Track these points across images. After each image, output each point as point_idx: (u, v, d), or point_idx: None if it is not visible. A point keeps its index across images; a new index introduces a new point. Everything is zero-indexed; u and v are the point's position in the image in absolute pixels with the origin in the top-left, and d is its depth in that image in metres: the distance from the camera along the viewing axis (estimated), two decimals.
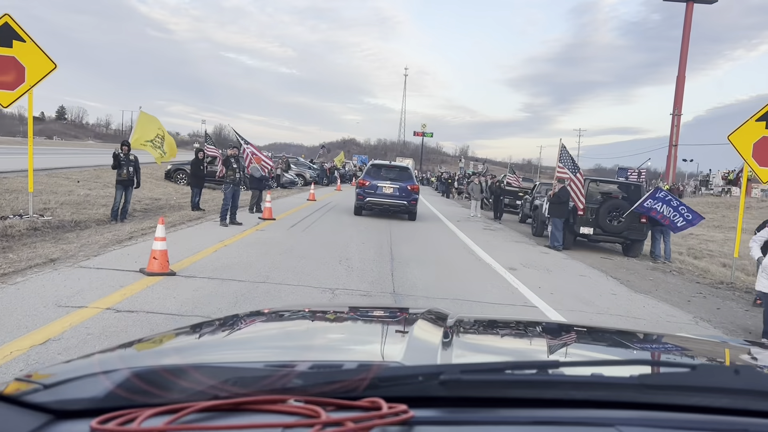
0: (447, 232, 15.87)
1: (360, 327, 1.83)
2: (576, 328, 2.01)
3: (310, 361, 1.12)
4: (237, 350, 1.39)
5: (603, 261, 13.15)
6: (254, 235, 11.75)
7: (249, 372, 1.02)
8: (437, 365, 1.09)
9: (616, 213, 13.88)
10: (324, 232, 13.12)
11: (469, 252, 12.08)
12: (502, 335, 1.76)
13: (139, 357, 1.35)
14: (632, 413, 0.95)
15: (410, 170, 19.06)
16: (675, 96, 62.35)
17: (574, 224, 14.14)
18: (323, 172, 37.45)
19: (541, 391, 0.97)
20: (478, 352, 1.52)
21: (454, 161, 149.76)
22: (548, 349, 1.65)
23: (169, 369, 1.03)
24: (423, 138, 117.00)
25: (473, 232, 16.41)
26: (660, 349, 1.68)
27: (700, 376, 1.04)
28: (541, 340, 1.80)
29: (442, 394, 0.94)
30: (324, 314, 1.99)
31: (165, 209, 15.76)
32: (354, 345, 1.56)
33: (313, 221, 15.03)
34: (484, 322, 1.97)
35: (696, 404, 0.98)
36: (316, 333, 1.65)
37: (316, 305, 4.50)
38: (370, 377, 0.95)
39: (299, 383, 0.96)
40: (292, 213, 16.70)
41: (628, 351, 1.65)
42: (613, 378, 1.06)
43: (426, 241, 13.17)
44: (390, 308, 3.16)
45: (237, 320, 1.72)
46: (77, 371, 1.04)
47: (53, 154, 36.72)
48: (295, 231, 12.79)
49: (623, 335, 1.91)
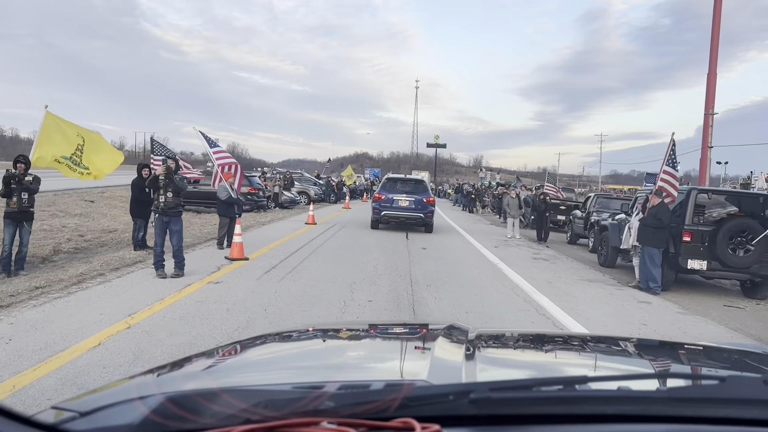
0: (487, 266, 11.44)
1: (382, 345, 1.80)
2: (599, 340, 1.98)
3: (338, 381, 1.11)
4: (265, 372, 1.39)
5: (736, 313, 8.64)
6: (201, 291, 7.45)
7: (279, 395, 1.03)
8: (466, 383, 1.09)
9: (743, 238, 9.38)
10: (315, 279, 8.78)
11: (530, 304, 7.66)
12: (524, 349, 1.73)
13: (173, 381, 1.31)
14: (661, 426, 0.93)
15: (425, 183, 18.51)
16: (707, 94, 57.60)
17: (677, 256, 9.65)
18: (330, 188, 33.19)
19: (570, 407, 0.95)
20: (501, 367, 1.48)
21: (468, 172, 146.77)
22: (573, 362, 1.60)
23: (201, 393, 1.03)
24: (436, 149, 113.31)
25: (522, 264, 11.97)
26: (687, 361, 1.63)
27: (729, 388, 1.03)
28: (564, 353, 1.73)
29: (472, 412, 0.92)
30: (345, 333, 1.90)
31: (107, 247, 11.53)
32: (379, 363, 1.52)
33: (303, 258, 10.69)
34: (505, 336, 1.92)
35: (726, 416, 0.95)
36: (340, 352, 1.64)
37: (337, 323, 4.13)
38: (401, 397, 0.93)
39: (331, 405, 0.94)
40: (277, 246, 12.35)
41: (655, 363, 1.59)
42: (641, 392, 1.05)
43: (464, 289, 8.77)
44: (410, 324, 2.83)
45: (262, 340, 1.69)
46: (113, 398, 1.05)
47: (56, 178, 33.03)
48: (270, 279, 8.47)
49: (648, 346, 1.87)
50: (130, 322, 5.88)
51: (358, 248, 12.72)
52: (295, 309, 6.78)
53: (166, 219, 8.57)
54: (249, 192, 21.53)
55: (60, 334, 5.34)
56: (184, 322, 5.98)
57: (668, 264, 9.66)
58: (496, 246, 15.14)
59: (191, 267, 9.05)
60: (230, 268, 9.37)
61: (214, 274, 8.71)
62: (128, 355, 4.80)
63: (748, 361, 1.63)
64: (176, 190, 8.62)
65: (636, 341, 2.02)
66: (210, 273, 8.80)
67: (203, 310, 6.51)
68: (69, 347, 4.96)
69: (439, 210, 32.20)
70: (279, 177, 25.71)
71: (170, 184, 8.58)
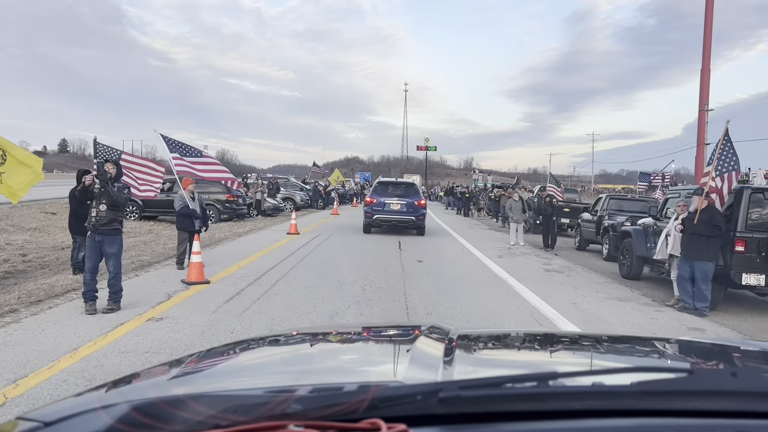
0: (495, 282, 9.70)
1: (362, 347, 1.74)
2: (577, 337, 2.01)
3: (310, 384, 1.08)
4: (236, 377, 1.34)
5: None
6: (134, 334, 5.65)
7: (248, 399, 1.00)
8: (436, 383, 1.07)
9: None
10: (287, 309, 7.00)
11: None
12: (504, 348, 1.74)
13: (138, 390, 1.27)
14: (631, 421, 0.92)
15: (416, 186, 18.44)
16: (701, 90, 56.70)
17: (728, 269, 7.95)
18: (317, 193, 31.36)
19: (541, 403, 0.94)
20: (479, 366, 1.45)
21: (459, 174, 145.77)
22: (548, 359, 1.58)
23: (167, 400, 0.99)
24: (426, 152, 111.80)
25: (535, 279, 10.24)
26: (659, 355, 1.64)
27: (699, 380, 1.08)
28: (542, 351, 1.70)
29: (442, 411, 0.90)
30: (327, 336, 1.84)
31: (47, 269, 9.69)
32: (355, 366, 1.48)
33: (277, 279, 8.90)
34: (486, 336, 1.86)
35: (695, 408, 0.95)
36: (318, 356, 1.58)
37: (318, 327, 4.26)
38: (369, 398, 0.92)
39: (298, 408, 0.92)
40: (249, 263, 10.54)
41: (627, 358, 1.59)
42: (612, 386, 1.06)
43: (474, 317, 7.01)
44: (393, 326, 2.58)
45: (239, 346, 1.64)
46: (77, 408, 1.02)
47: (45, 187, 30.97)
48: (229, 313, 6.68)
49: (623, 342, 1.87)
50: (30, 381, 4.10)
51: (343, 263, 10.94)
52: None
53: (99, 238, 6.75)
54: (227, 200, 19.71)
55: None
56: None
57: (716, 279, 7.96)
58: (501, 256, 13.40)
59: (135, 295, 7.25)
60: (184, 295, 7.57)
61: (159, 306, 6.90)
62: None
63: (721, 354, 1.60)
64: (112, 203, 6.79)
65: (615, 338, 2.01)
66: (155, 304, 6.99)
67: (125, 366, 4.71)
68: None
69: (432, 214, 30.48)
70: (261, 183, 23.88)
71: (104, 195, 6.77)
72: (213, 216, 19.39)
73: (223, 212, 19.64)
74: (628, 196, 17.53)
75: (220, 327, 6.06)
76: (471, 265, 11.63)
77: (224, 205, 19.68)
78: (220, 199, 19.63)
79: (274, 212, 23.39)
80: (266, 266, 10.11)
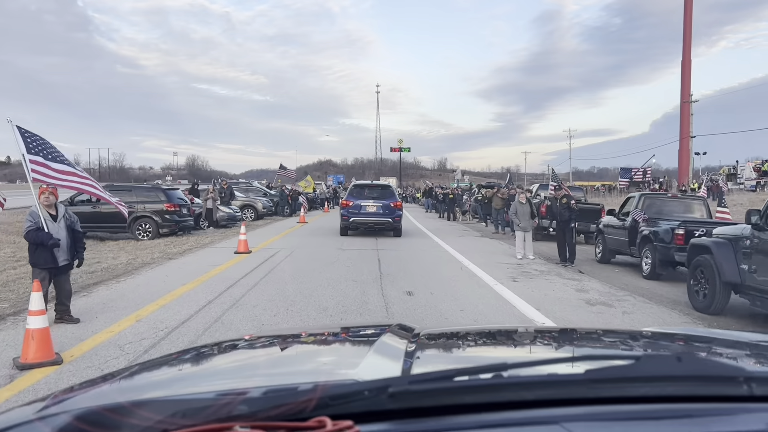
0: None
1: (324, 348, 1.67)
2: (536, 331, 2.02)
3: (261, 386, 1.02)
4: (188, 382, 1.27)
5: None
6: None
7: (197, 402, 0.96)
8: (386, 378, 1.00)
9: None
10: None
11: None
12: (465, 344, 1.68)
13: (81, 400, 1.13)
14: (578, 409, 0.92)
15: (392, 188, 18.45)
16: (682, 82, 54.84)
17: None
18: (284, 198, 27.67)
19: (491, 395, 0.94)
20: (437, 362, 1.43)
21: (433, 174, 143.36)
22: (507, 353, 1.58)
23: (112, 408, 0.94)
24: (400, 153, 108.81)
25: (580, 319, 6.91)
26: (609, 345, 1.65)
27: (646, 367, 1.04)
28: (500, 345, 1.69)
29: (392, 406, 0.89)
30: (290, 338, 1.74)
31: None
32: (312, 366, 1.41)
33: (187, 343, 5.41)
34: (450, 333, 1.81)
35: (644, 395, 0.95)
36: (276, 358, 1.51)
37: (284, 330, 3.83)
38: (317, 397, 0.88)
39: (246, 409, 0.88)
40: (155, 311, 6.85)
41: (579, 349, 1.57)
42: (561, 376, 1.05)
43: None
44: (362, 326, 2.34)
45: (192, 352, 1.56)
46: (11, 421, 0.97)
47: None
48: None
49: (577, 334, 1.85)
50: None
51: (298, 304, 7.41)
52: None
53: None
54: (166, 210, 16.02)
55: None
56: None
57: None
58: (514, 278, 9.99)
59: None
60: (5, 392, 4.02)
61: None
62: None
63: (669, 342, 1.62)
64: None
65: (570, 330, 2.00)
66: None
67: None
68: None
69: (413, 218, 27.12)
70: (212, 189, 20.21)
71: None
72: (151, 231, 15.70)
73: (162, 225, 15.94)
74: (668, 195, 14.28)
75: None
76: (482, 299, 8.18)
77: (163, 217, 15.98)
78: (158, 209, 15.94)
79: (229, 222, 19.71)
80: (176, 318, 6.52)
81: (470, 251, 13.84)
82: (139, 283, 8.76)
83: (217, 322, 6.37)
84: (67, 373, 4.68)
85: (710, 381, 1.00)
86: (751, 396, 0.97)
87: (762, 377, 1.05)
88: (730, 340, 1.59)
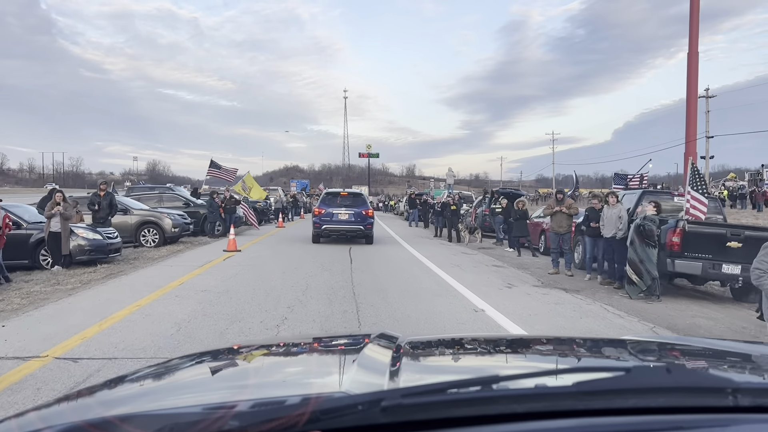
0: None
1: (308, 359, 1.61)
2: (523, 340, 1.97)
3: (250, 399, 0.97)
4: (176, 395, 1.20)
5: None
6: None
7: (185, 417, 0.89)
8: (378, 392, 0.99)
9: None
10: None
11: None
12: (451, 354, 1.62)
13: (61, 415, 1.06)
14: (569, 422, 0.89)
15: (364, 196, 18.16)
16: (688, 76, 48.72)
17: None
18: (215, 212, 19.10)
19: (483, 407, 0.91)
20: (426, 373, 1.37)
21: (401, 182, 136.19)
22: (494, 363, 1.52)
23: (95, 423, 0.88)
24: (369, 159, 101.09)
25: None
26: (599, 355, 1.59)
27: (636, 379, 1.03)
28: (488, 355, 1.63)
29: (385, 420, 0.86)
30: (273, 349, 1.69)
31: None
32: (299, 378, 1.35)
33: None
34: (434, 342, 1.77)
35: (633, 406, 0.92)
36: (263, 369, 1.45)
37: (266, 340, 3.70)
38: (309, 411, 0.85)
39: (236, 424, 0.84)
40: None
41: (568, 359, 1.52)
42: (551, 388, 1.02)
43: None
44: (343, 336, 2.44)
45: (178, 363, 1.46)
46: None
47: None
48: None
49: (566, 344, 1.80)
50: None
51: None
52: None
53: None
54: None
55: None
56: None
57: None
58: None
59: None
60: None
61: None
62: None
63: (658, 353, 1.55)
64: None
65: (559, 340, 1.93)
66: None
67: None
68: None
69: (400, 238, 19.12)
70: (75, 201, 11.74)
71: None
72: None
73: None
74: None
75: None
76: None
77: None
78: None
79: (94, 255, 11.19)
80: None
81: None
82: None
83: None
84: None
85: (700, 392, 0.99)
86: (740, 407, 0.94)
87: (750, 388, 1.02)
88: (719, 350, 1.57)
